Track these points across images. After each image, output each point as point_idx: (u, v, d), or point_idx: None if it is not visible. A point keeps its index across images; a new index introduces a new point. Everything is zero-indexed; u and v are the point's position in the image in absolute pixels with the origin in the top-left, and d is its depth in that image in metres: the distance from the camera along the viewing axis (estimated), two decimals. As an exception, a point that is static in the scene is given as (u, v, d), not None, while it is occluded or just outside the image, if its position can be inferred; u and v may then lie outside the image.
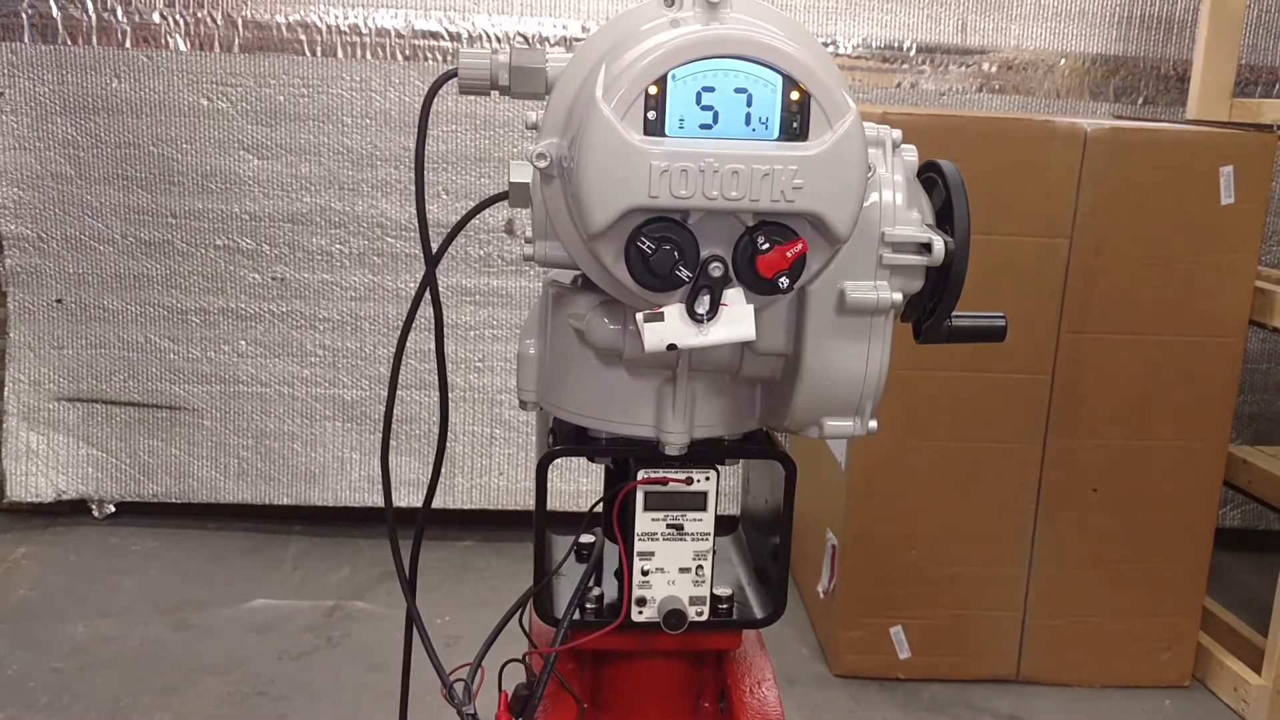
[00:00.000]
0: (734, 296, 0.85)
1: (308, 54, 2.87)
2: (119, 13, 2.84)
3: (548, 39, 2.90)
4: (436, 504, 1.41)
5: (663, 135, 0.81)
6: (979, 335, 1.06)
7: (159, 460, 3.06)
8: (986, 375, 2.38)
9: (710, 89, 0.81)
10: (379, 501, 3.07)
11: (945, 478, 2.44)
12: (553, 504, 1.07)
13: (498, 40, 2.89)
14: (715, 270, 0.83)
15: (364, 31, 2.86)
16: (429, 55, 2.88)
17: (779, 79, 0.81)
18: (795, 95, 0.82)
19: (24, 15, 2.84)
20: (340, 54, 2.87)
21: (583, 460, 1.11)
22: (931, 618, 2.50)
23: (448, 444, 3.05)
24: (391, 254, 2.98)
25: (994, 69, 3.04)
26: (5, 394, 3.01)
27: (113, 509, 3.12)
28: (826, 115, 0.82)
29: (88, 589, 2.77)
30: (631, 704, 1.15)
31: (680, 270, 0.83)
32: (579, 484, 2.88)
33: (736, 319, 0.84)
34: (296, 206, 2.94)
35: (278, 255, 2.97)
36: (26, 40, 2.85)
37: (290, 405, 3.05)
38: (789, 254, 0.83)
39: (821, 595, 2.62)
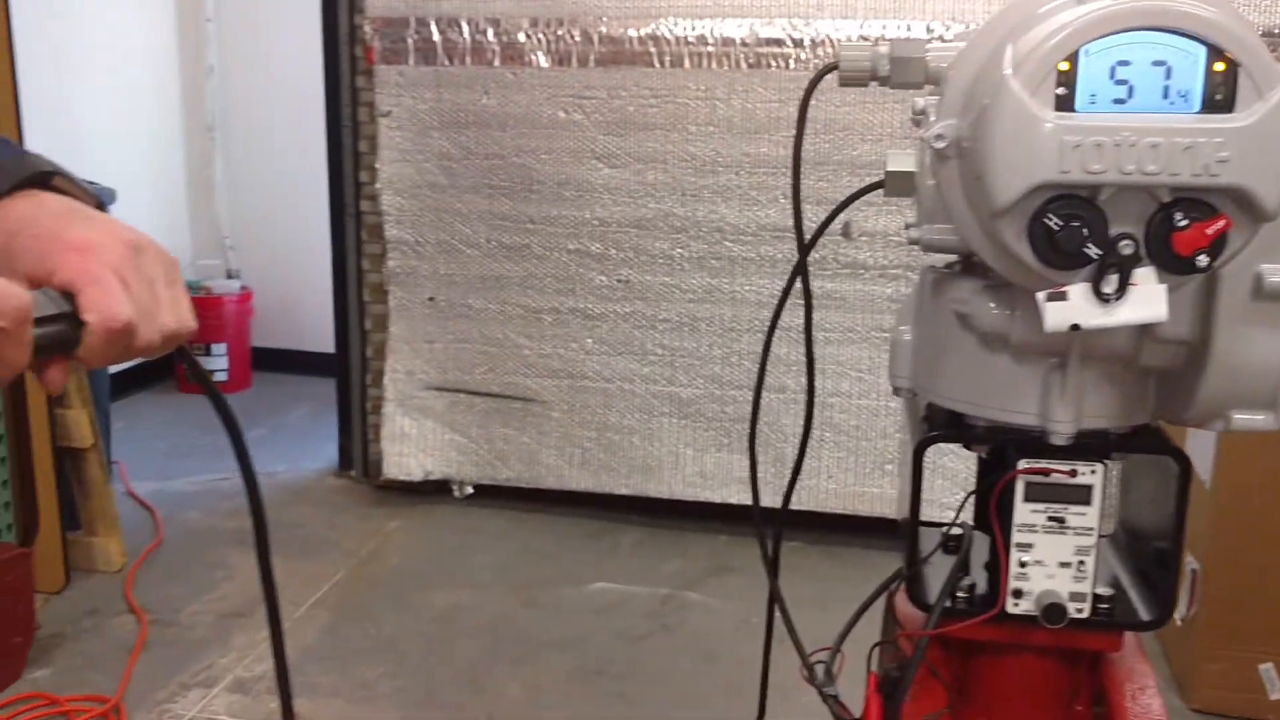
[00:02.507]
0: (1144, 276, 0.82)
1: (656, 65, 3.01)
2: (490, 34, 3.10)
3: (891, 40, 2.88)
4: (765, 503, 1.45)
5: (1073, 111, 0.80)
6: None
7: (512, 447, 3.30)
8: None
9: (1125, 63, 0.79)
10: (711, 497, 3.18)
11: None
12: (866, 509, 1.07)
13: (840, 45, 2.90)
14: (1126, 248, 0.81)
15: (710, 41, 2.97)
16: (772, 62, 2.94)
17: (1202, 50, 0.78)
18: (1220, 66, 0.78)
19: (409, 41, 3.15)
20: (687, 64, 2.99)
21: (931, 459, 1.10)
22: (1311, 657, 2.27)
23: (778, 446, 3.09)
24: (729, 257, 3.07)
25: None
26: (385, 382, 3.35)
27: (471, 490, 3.40)
28: (1256, 85, 0.77)
29: (449, 562, 3.03)
30: (1000, 699, 1.12)
31: (1088, 248, 0.81)
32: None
33: (1147, 299, 0.82)
34: (642, 212, 3.09)
35: (623, 259, 3.13)
36: (411, 63, 3.16)
37: (630, 400, 3.21)
38: (1209, 231, 0.79)
39: (1179, 622, 2.44)
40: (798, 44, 2.92)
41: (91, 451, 2.80)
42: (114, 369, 3.78)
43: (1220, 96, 0.79)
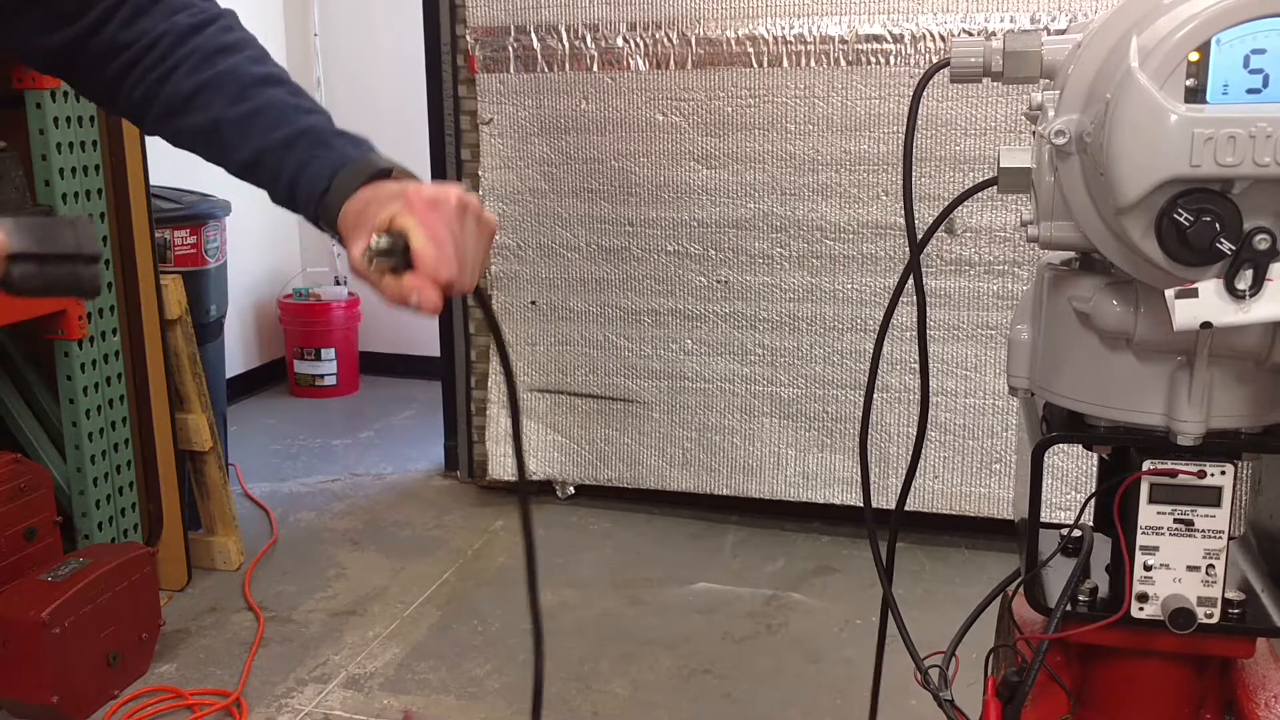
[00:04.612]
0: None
1: (754, 65, 3.00)
2: (588, 40, 3.13)
3: (994, 34, 2.83)
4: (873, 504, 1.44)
5: (1204, 103, 0.78)
6: None
7: (613, 448, 3.33)
8: None
9: (1260, 51, 0.77)
10: (813, 497, 3.16)
11: None
12: (973, 509, 1.05)
13: (941, 40, 2.86)
14: (1262, 243, 0.79)
15: (809, 40, 2.95)
16: (872, 59, 2.91)
17: (1344, 35, 0.76)
18: (1363, 51, 0.75)
19: (510, 49, 3.20)
20: (785, 63, 2.98)
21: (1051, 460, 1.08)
22: None
23: (882, 445, 3.06)
24: (830, 256, 3.04)
25: None
26: (489, 385, 3.41)
27: (573, 490, 3.43)
28: (1404, 71, 0.75)
29: (553, 561, 3.06)
30: (1124, 705, 1.10)
31: (1221, 243, 0.79)
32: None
33: (1283, 295, 0.79)
34: (740, 213, 3.09)
35: (722, 259, 3.13)
36: (511, 71, 3.21)
37: (730, 401, 3.20)
38: (1350, 224, 0.76)
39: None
40: (897, 40, 2.89)
41: (211, 454, 2.91)
42: (230, 373, 3.91)
43: (1361, 83, 0.76)
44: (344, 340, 4.55)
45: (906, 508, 3.35)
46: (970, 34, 2.85)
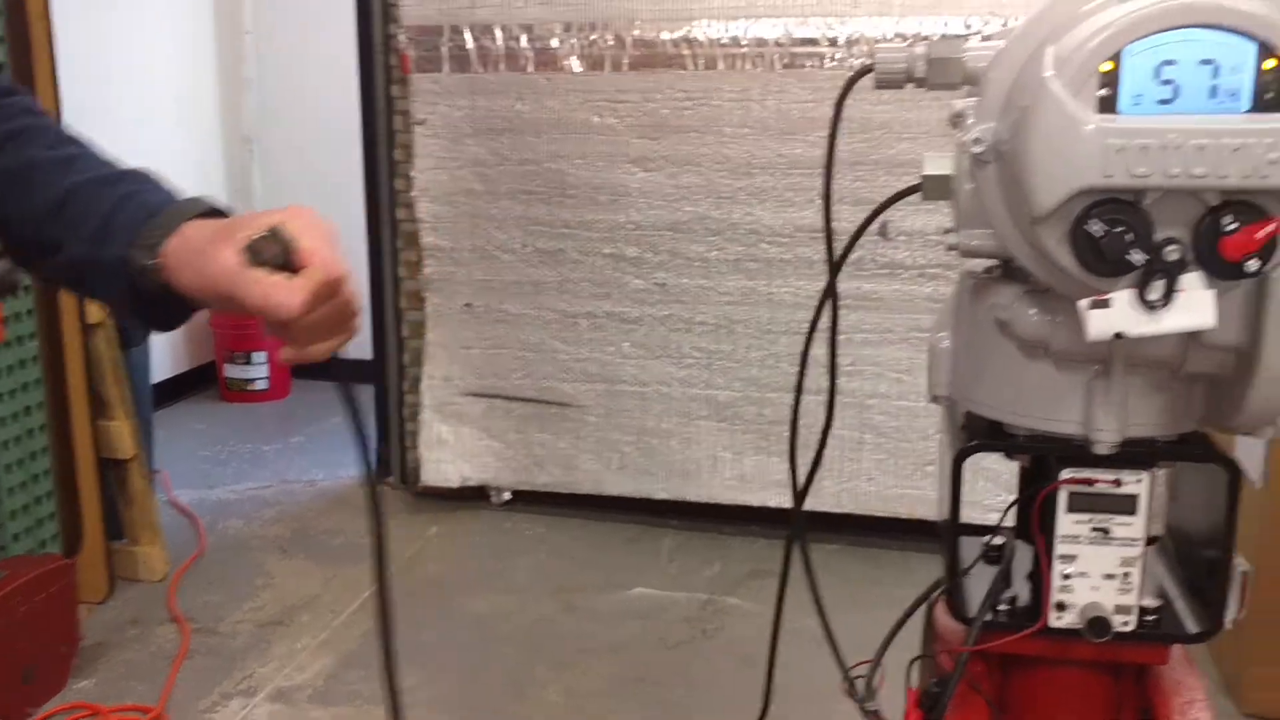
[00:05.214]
0: (1191, 282, 0.79)
1: (690, 68, 2.99)
2: (523, 40, 3.09)
3: (928, 39, 2.85)
4: (804, 507, 1.44)
5: (1116, 113, 0.78)
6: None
7: (549, 452, 3.30)
8: None
9: (1171, 62, 0.77)
10: (750, 500, 3.16)
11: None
12: (907, 511, 1.05)
13: (876, 44, 2.87)
14: (1172, 253, 0.79)
15: (744, 43, 2.95)
16: (806, 62, 2.92)
17: (1252, 46, 0.76)
18: (1271, 63, 0.76)
19: (444, 49, 3.16)
20: (721, 66, 2.97)
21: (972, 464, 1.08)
22: (1365, 661, 2.22)
23: (815, 446, 3.07)
24: (765, 259, 3.04)
25: None
26: (421, 389, 3.36)
27: (508, 496, 3.40)
28: (1308, 83, 0.75)
29: (487, 568, 3.03)
30: (1043, 713, 1.10)
31: (1132, 254, 0.79)
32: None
33: (1194, 306, 0.79)
34: (677, 215, 3.08)
35: (659, 262, 3.12)
36: (445, 71, 3.17)
37: (668, 404, 3.19)
38: (1259, 235, 0.76)
39: (1229, 625, 2.39)
40: (833, 43, 2.89)
41: (134, 462, 2.83)
42: (158, 378, 3.82)
43: (1271, 95, 0.77)
44: (275, 344, 4.46)
45: (842, 510, 3.36)
46: (905, 38, 2.86)
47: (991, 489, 2.76)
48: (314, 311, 0.83)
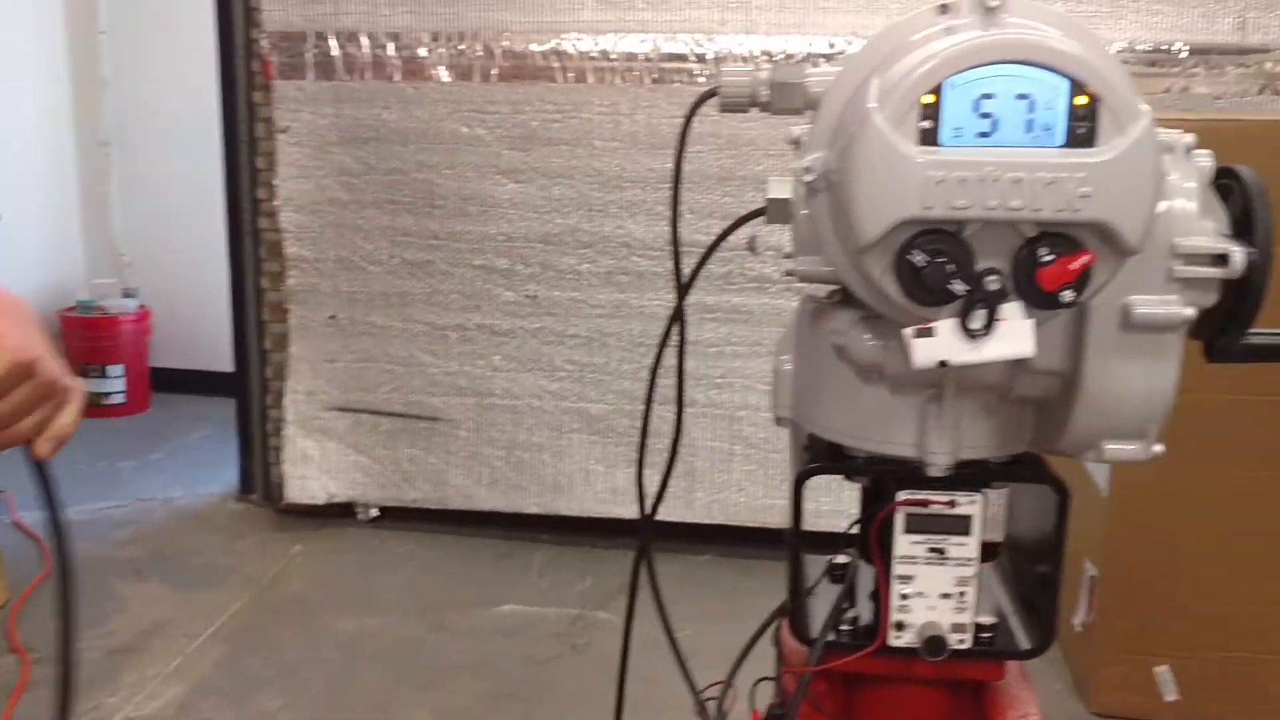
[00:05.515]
0: (1011, 311, 0.81)
1: (560, 80, 2.98)
2: (390, 48, 3.04)
3: (793, 57, 2.89)
4: (674, 518, 1.43)
5: (937, 145, 0.79)
6: (1278, 354, 0.98)
7: (419, 468, 3.24)
8: (1270, 399, 2.18)
9: (989, 96, 0.78)
10: (623, 513, 3.15)
11: (1220, 507, 2.26)
12: (777, 521, 1.06)
13: (744, 61, 2.90)
14: (992, 284, 0.80)
15: (613, 57, 2.94)
16: (675, 78, 2.93)
17: (1065, 83, 0.78)
18: (1082, 100, 0.78)
19: (308, 55, 3.08)
20: (590, 79, 2.96)
21: (829, 478, 1.09)
22: (1202, 659, 2.32)
23: (689, 460, 3.08)
24: (637, 272, 3.05)
25: (1279, 69, 2.80)
26: (285, 403, 3.26)
27: (376, 512, 3.32)
28: (1117, 119, 0.77)
29: (354, 586, 2.96)
30: (886, 731, 1.12)
31: (954, 284, 0.80)
32: (818, 503, 2.84)
33: (1014, 335, 0.81)
34: (548, 227, 3.06)
35: (530, 274, 3.09)
36: (309, 78, 3.08)
37: (540, 418, 3.17)
38: (1073, 266, 0.79)
39: (1078, 628, 2.48)
40: (701, 59, 2.92)
41: (-28, 482, 2.68)
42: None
43: (1082, 131, 0.79)
44: (133, 356, 4.28)
45: (713, 521, 3.38)
46: (771, 58, 2.90)
47: (855, 498, 2.81)
48: (4, 396, 0.79)
